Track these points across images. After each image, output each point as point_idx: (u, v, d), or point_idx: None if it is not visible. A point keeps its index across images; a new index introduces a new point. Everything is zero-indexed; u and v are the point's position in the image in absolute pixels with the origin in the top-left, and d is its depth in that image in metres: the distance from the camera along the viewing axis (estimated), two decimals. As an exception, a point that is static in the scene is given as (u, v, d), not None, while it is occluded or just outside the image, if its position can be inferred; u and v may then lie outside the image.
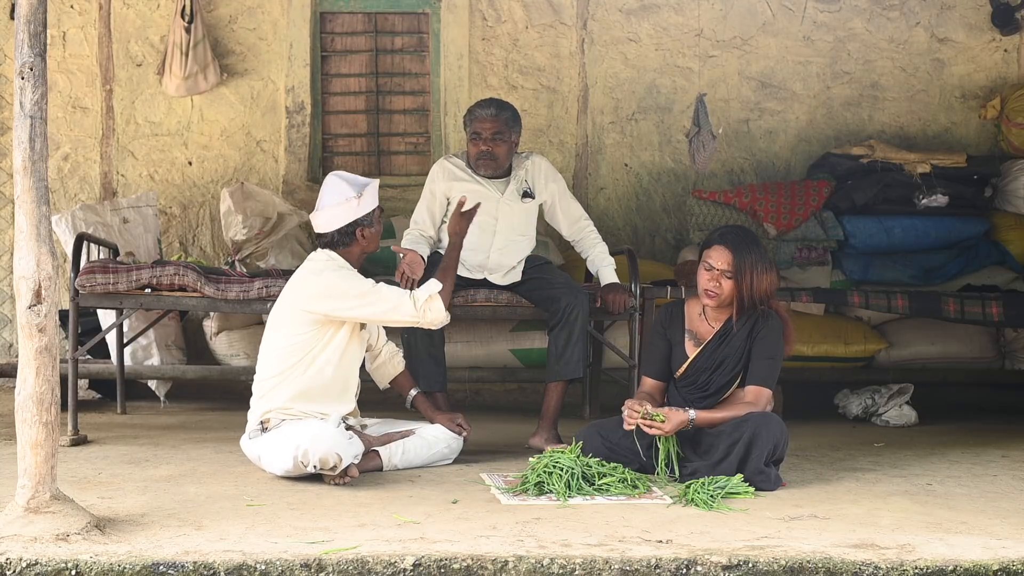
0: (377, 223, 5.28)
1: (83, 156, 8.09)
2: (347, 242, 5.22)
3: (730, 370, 5.10)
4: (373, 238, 5.26)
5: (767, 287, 5.04)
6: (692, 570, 3.71)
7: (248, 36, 8.12)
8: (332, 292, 5.10)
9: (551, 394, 5.94)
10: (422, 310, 5.16)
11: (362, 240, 5.22)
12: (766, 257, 5.08)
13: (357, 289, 5.11)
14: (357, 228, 5.19)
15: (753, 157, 8.42)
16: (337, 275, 5.13)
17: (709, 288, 5.06)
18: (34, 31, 3.96)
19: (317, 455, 4.74)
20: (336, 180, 5.25)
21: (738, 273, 5.01)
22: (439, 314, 5.20)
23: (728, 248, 5.03)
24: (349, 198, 5.15)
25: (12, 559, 3.62)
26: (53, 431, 3.96)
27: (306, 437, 4.79)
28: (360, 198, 5.16)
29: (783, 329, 5.10)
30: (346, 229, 5.19)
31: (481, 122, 6.07)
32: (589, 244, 6.33)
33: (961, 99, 8.52)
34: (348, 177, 5.26)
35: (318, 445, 4.75)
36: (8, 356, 7.92)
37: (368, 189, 5.21)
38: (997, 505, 4.64)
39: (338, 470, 4.79)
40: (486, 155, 6.09)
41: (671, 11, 8.34)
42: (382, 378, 5.64)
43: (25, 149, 3.95)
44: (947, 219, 7.82)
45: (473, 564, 3.69)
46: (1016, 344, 7.57)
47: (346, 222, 5.18)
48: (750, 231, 5.25)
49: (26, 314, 3.94)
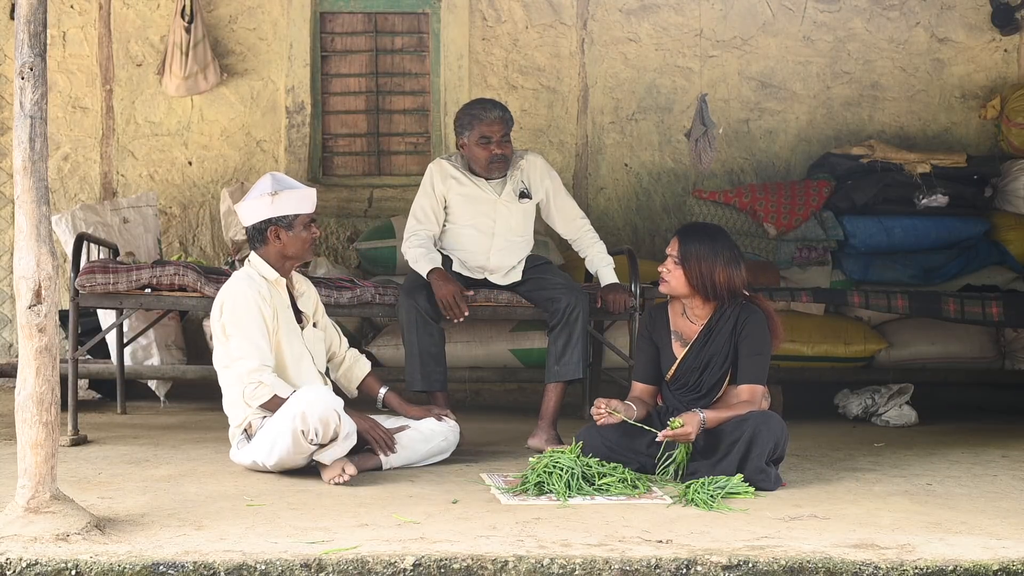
0: (300, 229, 5.17)
1: (83, 156, 8.09)
2: (261, 240, 5.17)
3: (719, 367, 5.10)
4: (291, 242, 5.16)
5: (726, 279, 5.06)
6: (692, 570, 3.71)
7: (248, 36, 8.12)
8: (215, 311, 5.11)
9: (550, 395, 5.93)
10: (255, 381, 4.97)
11: (276, 241, 5.15)
12: (728, 251, 5.09)
13: (230, 325, 5.04)
14: (269, 228, 5.14)
15: (753, 157, 8.42)
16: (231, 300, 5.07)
17: (661, 273, 5.18)
18: (34, 31, 3.96)
19: (315, 415, 4.73)
20: (265, 177, 5.25)
21: (684, 260, 5.08)
22: (259, 401, 5.00)
23: (677, 236, 5.18)
24: (264, 194, 5.13)
25: (12, 559, 3.62)
26: (53, 431, 3.96)
27: (301, 403, 4.79)
28: (276, 196, 5.11)
29: (767, 322, 5.11)
30: (259, 226, 5.16)
31: (490, 125, 6.02)
32: (587, 243, 6.32)
33: (961, 99, 8.52)
34: (278, 176, 5.25)
35: (314, 408, 4.75)
36: (8, 356, 7.92)
37: (291, 192, 5.16)
38: (997, 505, 4.64)
39: (340, 436, 4.78)
40: (499, 158, 6.07)
41: (671, 11, 8.34)
42: (349, 383, 5.59)
43: (25, 149, 3.95)
44: (947, 219, 7.81)
45: (473, 564, 3.69)
46: (1016, 344, 7.57)
47: (259, 219, 5.15)
48: (716, 228, 5.29)
49: (26, 314, 3.94)
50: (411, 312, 5.86)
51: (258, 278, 5.15)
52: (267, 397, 4.97)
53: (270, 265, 5.19)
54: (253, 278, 5.14)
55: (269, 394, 4.97)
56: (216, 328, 5.13)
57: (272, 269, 5.19)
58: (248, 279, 5.13)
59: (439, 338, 5.93)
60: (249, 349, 5.00)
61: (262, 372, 4.98)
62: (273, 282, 5.18)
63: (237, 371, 5.02)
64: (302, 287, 5.41)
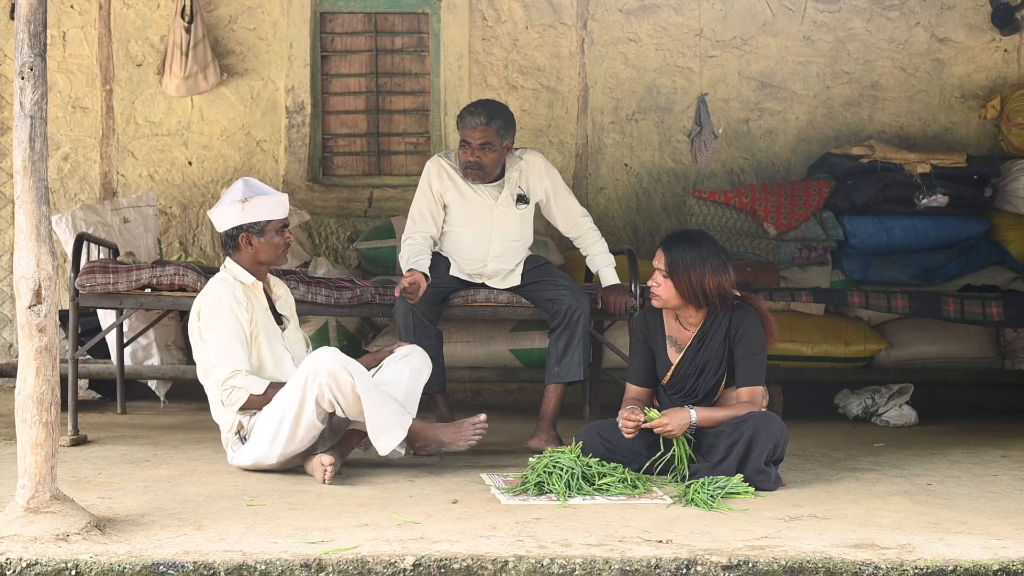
0: (272, 235, 5.17)
1: (83, 156, 8.10)
2: (234, 246, 5.19)
3: (714, 373, 5.09)
4: (263, 248, 5.16)
5: (716, 285, 5.03)
6: (692, 570, 3.71)
7: (248, 36, 8.12)
8: (192, 317, 5.14)
9: (550, 396, 5.92)
10: (229, 387, 5.00)
11: (248, 248, 5.17)
12: (714, 256, 5.05)
13: (207, 328, 5.06)
14: (241, 234, 5.15)
15: (753, 157, 8.42)
16: (207, 305, 5.09)
17: (651, 287, 5.14)
18: (34, 31, 3.96)
19: (325, 370, 4.77)
20: (237, 183, 5.27)
21: (672, 271, 5.05)
22: (237, 405, 5.02)
23: (662, 248, 5.12)
24: (235, 201, 5.15)
25: (12, 559, 3.62)
26: (53, 431, 3.96)
27: (304, 367, 4.84)
28: (246, 202, 5.13)
29: (761, 321, 5.09)
30: (231, 232, 5.17)
31: (471, 130, 5.99)
32: (589, 242, 6.30)
33: (961, 99, 8.52)
34: (250, 182, 5.26)
35: (320, 363, 4.79)
36: (8, 356, 7.92)
37: (262, 199, 5.17)
38: (997, 505, 4.64)
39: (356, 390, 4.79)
40: (473, 165, 6.03)
41: (671, 11, 8.34)
42: None
43: (25, 149, 3.95)
44: (947, 219, 7.81)
45: (473, 564, 3.69)
46: (1016, 344, 7.56)
47: (231, 225, 5.16)
48: (699, 233, 5.28)
49: (26, 314, 3.94)
50: (408, 315, 5.86)
51: (233, 282, 5.17)
52: (244, 399, 5.00)
53: (245, 270, 5.20)
54: (228, 282, 5.16)
55: (244, 396, 5.00)
56: (194, 335, 5.16)
57: (248, 273, 5.20)
58: (223, 283, 5.16)
59: (436, 340, 5.92)
60: (221, 356, 5.03)
61: (234, 377, 5.00)
62: (250, 286, 5.19)
63: (214, 379, 5.06)
64: (279, 290, 5.44)
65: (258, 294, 5.22)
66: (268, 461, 4.99)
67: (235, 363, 5.01)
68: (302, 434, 4.90)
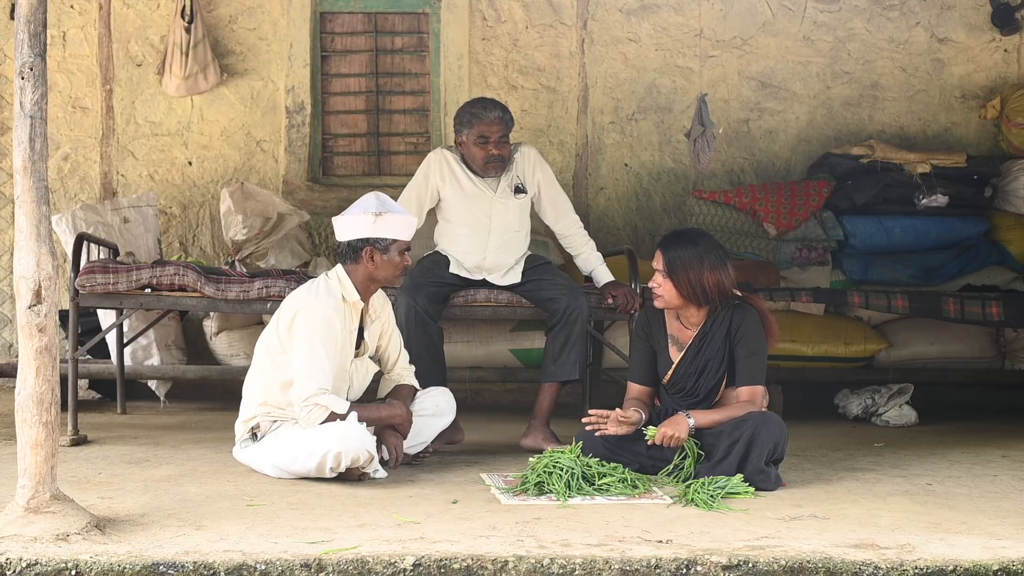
0: (395, 254, 5.10)
1: (83, 156, 8.10)
2: (354, 258, 5.10)
3: (715, 372, 5.09)
4: (383, 266, 5.08)
5: (715, 282, 5.03)
6: (692, 570, 3.71)
7: (248, 36, 8.12)
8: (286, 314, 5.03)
9: (544, 394, 5.93)
10: (308, 405, 4.90)
11: (368, 263, 5.08)
12: (712, 253, 5.06)
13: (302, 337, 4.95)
14: (366, 247, 5.07)
15: (753, 157, 8.42)
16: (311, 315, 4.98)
17: (652, 288, 5.14)
18: (34, 31, 3.96)
19: (350, 456, 4.76)
20: (370, 195, 5.17)
21: (671, 272, 5.05)
22: (315, 422, 4.92)
23: (660, 248, 5.12)
24: (367, 212, 5.06)
25: (12, 559, 3.62)
26: (53, 431, 3.96)
27: (335, 440, 4.77)
28: (379, 216, 5.04)
29: (761, 321, 5.10)
30: (356, 243, 5.09)
31: (489, 125, 6.02)
32: (580, 241, 6.32)
33: (961, 99, 8.52)
34: (383, 198, 5.15)
35: (349, 445, 4.76)
36: (8, 356, 7.92)
37: (394, 216, 5.09)
38: (997, 505, 4.64)
39: (369, 467, 4.84)
40: (496, 159, 6.07)
41: (671, 11, 8.34)
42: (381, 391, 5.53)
43: (25, 149, 3.95)
44: (947, 219, 7.82)
45: (473, 564, 3.69)
46: (1016, 344, 7.57)
47: (357, 236, 5.08)
48: (697, 232, 5.29)
49: (26, 314, 3.94)
50: (410, 311, 5.86)
51: (337, 296, 5.06)
52: (323, 417, 4.90)
53: (355, 285, 5.11)
54: (334, 297, 5.04)
55: (325, 414, 4.89)
56: (282, 328, 5.02)
57: (355, 291, 5.10)
58: (330, 297, 5.03)
59: (437, 337, 5.93)
60: (312, 370, 4.91)
61: (320, 396, 4.90)
62: (351, 304, 5.11)
63: (293, 392, 4.95)
64: (376, 312, 5.30)
65: (354, 314, 5.14)
66: (270, 474, 5.00)
67: (322, 382, 4.91)
68: (312, 475, 4.90)
